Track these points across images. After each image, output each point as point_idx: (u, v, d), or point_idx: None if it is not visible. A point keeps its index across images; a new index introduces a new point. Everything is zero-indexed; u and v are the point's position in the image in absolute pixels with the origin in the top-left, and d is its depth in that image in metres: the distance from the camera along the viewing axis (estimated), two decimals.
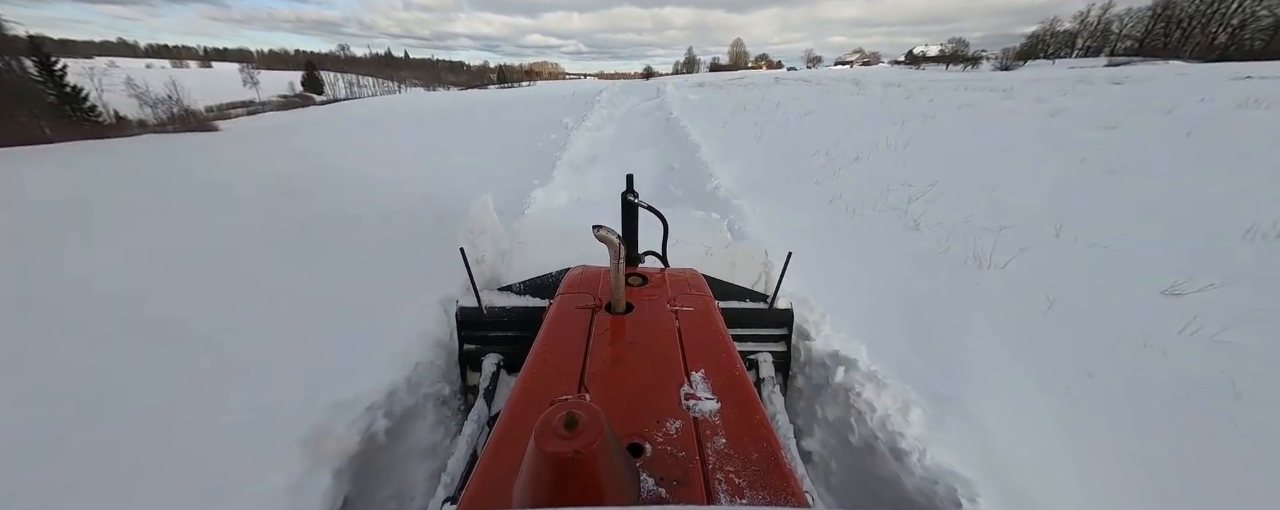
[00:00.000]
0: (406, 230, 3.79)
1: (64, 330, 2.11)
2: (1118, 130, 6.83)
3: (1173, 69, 25.13)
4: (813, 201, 4.94)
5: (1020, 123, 8.12)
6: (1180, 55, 56.47)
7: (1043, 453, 1.73)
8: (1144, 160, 5.33)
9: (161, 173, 4.56)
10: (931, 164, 6.00)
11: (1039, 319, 2.58)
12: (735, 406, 1.08)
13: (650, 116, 14.50)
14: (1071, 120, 7.86)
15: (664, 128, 11.43)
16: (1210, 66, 21.50)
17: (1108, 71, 24.83)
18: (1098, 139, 6.50)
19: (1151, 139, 6.17)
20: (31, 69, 27.27)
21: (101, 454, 1.53)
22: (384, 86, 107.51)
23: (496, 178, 5.92)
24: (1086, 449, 1.76)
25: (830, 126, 9.62)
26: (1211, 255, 3.08)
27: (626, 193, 1.90)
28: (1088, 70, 28.56)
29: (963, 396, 1.94)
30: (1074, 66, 47.55)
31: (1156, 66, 36.22)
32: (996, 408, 1.91)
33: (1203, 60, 41.92)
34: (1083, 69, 39.87)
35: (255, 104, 65.04)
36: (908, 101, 12.35)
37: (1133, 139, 6.30)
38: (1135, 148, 5.86)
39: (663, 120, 12.78)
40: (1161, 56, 56.31)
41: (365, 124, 12.96)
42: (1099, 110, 8.32)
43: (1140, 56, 59.99)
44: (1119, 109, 8.20)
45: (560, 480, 0.66)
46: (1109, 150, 5.86)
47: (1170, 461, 1.71)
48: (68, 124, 23.36)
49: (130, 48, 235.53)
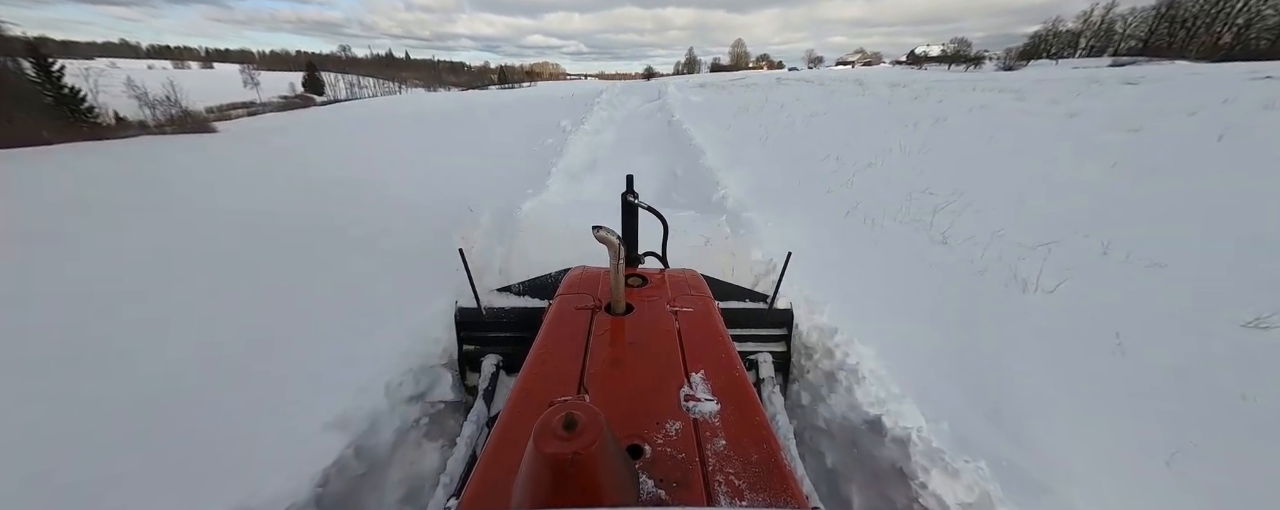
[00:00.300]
0: (390, 249, 3.46)
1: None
2: (1143, 133, 6.48)
3: (1181, 69, 24.74)
4: (828, 212, 4.60)
5: (1037, 125, 7.77)
6: (1185, 55, 56.08)
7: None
8: (1179, 166, 4.99)
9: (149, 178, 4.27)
10: (951, 170, 5.66)
11: (1111, 362, 2.24)
12: (735, 408, 1.07)
13: (651, 119, 13.99)
14: (1091, 122, 7.52)
15: (666, 131, 11.04)
16: (1218, 66, 21.08)
17: (1117, 71, 24.40)
18: (1123, 142, 6.15)
19: (1181, 142, 5.82)
20: (30, 70, 27.03)
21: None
22: (384, 87, 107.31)
23: (487, 184, 5.60)
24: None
25: (838, 129, 9.28)
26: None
27: (626, 193, 1.87)
28: (1094, 70, 28.19)
29: (1053, 481, 1.58)
30: (1078, 66, 47.05)
31: (1164, 66, 35.79)
32: (1097, 495, 1.54)
33: (1208, 60, 41.48)
34: (1089, 69, 39.51)
35: (256, 105, 64.92)
36: (916, 103, 12.01)
37: (1161, 142, 5.94)
38: (1166, 152, 5.51)
39: (664, 123, 12.36)
40: (1166, 56, 55.89)
41: (359, 125, 12.68)
42: (1117, 112, 7.97)
43: (1145, 56, 59.54)
44: (1139, 110, 7.84)
45: (559, 481, 0.66)
46: (1138, 155, 5.51)
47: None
48: (67, 126, 23.13)
49: (132, 48, 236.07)
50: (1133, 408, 1.96)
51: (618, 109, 17.47)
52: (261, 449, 1.51)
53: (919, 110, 10.53)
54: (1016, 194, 4.63)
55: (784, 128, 9.82)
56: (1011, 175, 5.31)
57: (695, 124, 11.02)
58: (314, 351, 2.10)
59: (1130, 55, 61.93)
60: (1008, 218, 4.06)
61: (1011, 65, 58.20)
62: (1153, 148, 5.78)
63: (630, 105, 19.32)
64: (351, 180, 5.60)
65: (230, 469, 1.45)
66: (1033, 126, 7.75)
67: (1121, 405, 1.97)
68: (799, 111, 12.20)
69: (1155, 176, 4.79)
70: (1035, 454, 1.72)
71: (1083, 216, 3.94)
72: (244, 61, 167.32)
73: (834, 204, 4.80)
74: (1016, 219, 4.04)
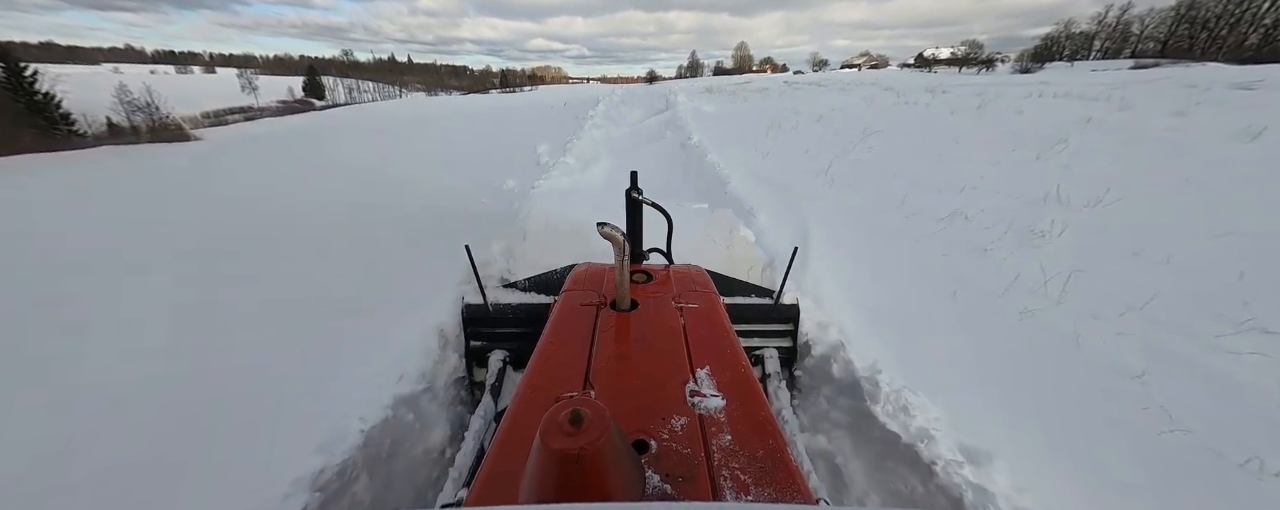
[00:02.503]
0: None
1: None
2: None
3: (1229, 71, 22.20)
4: (1057, 386, 2.43)
5: (1207, 149, 5.58)
6: (1206, 57, 53.68)
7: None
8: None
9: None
10: (1177, 240, 3.50)
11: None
12: (740, 403, 1.08)
13: (661, 141, 10.71)
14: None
15: (682, 160, 8.44)
16: (1264, 68, 18.71)
17: (1185, 72, 21.76)
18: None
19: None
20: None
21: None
22: (384, 91, 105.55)
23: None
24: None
25: (909, 154, 7.12)
26: None
27: (631, 189, 1.91)
28: (1150, 73, 25.78)
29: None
30: (1097, 69, 44.62)
31: (1198, 69, 33.41)
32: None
33: (1238, 62, 39.01)
34: (1114, 72, 37.32)
35: (253, 110, 63.35)
36: (981, 113, 9.82)
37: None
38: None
39: (678, 147, 9.57)
40: (1189, 58, 53.53)
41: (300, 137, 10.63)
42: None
43: (1167, 58, 57.26)
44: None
45: (566, 476, 0.66)
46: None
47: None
48: (41, 135, 21.28)
49: (138, 54, 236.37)
50: None
51: (616, 124, 14.42)
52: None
53: (1003, 125, 8.31)
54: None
55: (840, 154, 7.63)
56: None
57: (721, 150, 8.60)
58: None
59: (1151, 57, 59.44)
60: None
61: (1028, 68, 55.85)
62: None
63: (631, 120, 15.57)
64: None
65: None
66: (1197, 148, 5.56)
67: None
68: (844, 127, 10.02)
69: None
70: None
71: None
72: (248, 66, 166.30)
73: (1061, 359, 2.63)
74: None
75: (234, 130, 24.17)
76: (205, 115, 55.33)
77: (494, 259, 3.03)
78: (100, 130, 27.73)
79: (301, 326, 2.63)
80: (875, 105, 14.08)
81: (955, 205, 4.65)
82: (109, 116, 29.89)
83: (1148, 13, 71.54)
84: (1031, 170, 5.60)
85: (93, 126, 28.05)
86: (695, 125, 11.93)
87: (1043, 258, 3.50)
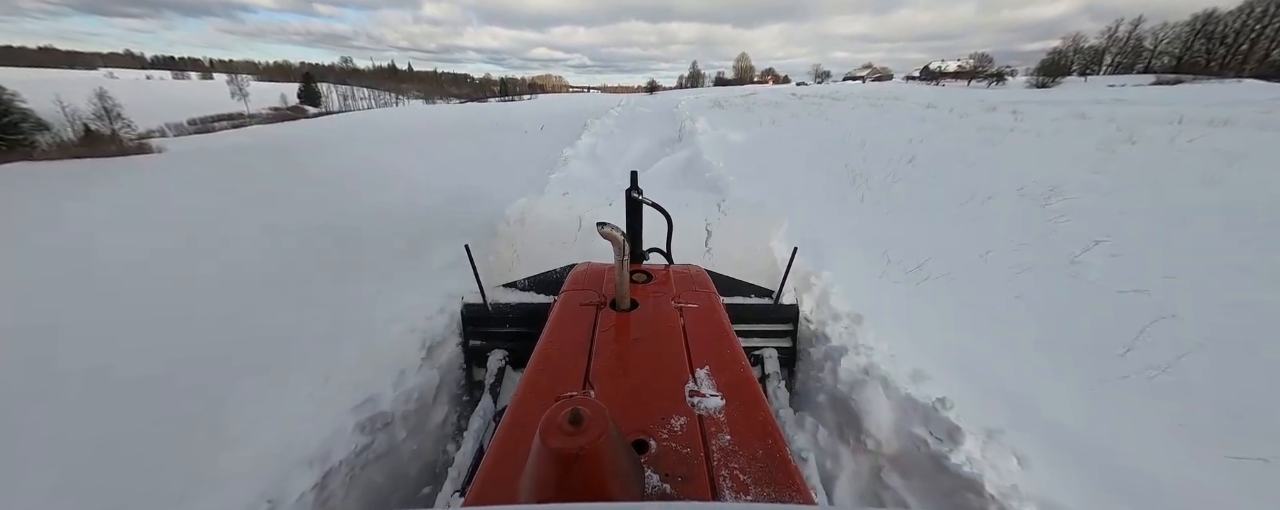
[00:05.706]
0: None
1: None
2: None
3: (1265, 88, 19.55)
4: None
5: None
6: (1226, 73, 51.65)
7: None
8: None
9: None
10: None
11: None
12: (740, 403, 1.07)
13: (676, 189, 6.47)
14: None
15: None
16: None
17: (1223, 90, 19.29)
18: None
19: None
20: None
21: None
22: (381, 99, 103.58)
23: None
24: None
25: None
26: None
27: (630, 190, 1.88)
28: (1169, 90, 23.50)
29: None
30: (1114, 84, 42.44)
31: (1234, 85, 31.17)
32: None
33: (1270, 79, 36.77)
34: (1137, 87, 35.10)
35: (243, 117, 61.06)
36: (1057, 139, 7.25)
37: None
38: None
39: (714, 207, 5.29)
40: (1211, 74, 51.47)
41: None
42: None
43: (1188, 74, 55.13)
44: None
45: (565, 476, 0.65)
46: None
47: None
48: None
49: (138, 59, 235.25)
50: None
51: (616, 149, 10.71)
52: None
53: (1086, 148, 5.77)
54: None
55: (951, 207, 5.10)
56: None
57: (822, 254, 3.68)
58: None
59: (1169, 73, 57.36)
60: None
61: (1044, 82, 53.65)
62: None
63: (636, 149, 11.03)
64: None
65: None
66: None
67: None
68: (918, 155, 7.51)
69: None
70: None
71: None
72: (248, 72, 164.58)
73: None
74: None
75: (193, 142, 21.60)
76: (191, 122, 53.01)
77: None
78: (100, 136, 25.30)
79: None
80: (928, 126, 11.60)
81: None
82: (86, 125, 27.54)
83: (1161, 27, 69.68)
84: (1181, 226, 3.12)
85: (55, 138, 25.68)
86: (731, 168, 7.50)
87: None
